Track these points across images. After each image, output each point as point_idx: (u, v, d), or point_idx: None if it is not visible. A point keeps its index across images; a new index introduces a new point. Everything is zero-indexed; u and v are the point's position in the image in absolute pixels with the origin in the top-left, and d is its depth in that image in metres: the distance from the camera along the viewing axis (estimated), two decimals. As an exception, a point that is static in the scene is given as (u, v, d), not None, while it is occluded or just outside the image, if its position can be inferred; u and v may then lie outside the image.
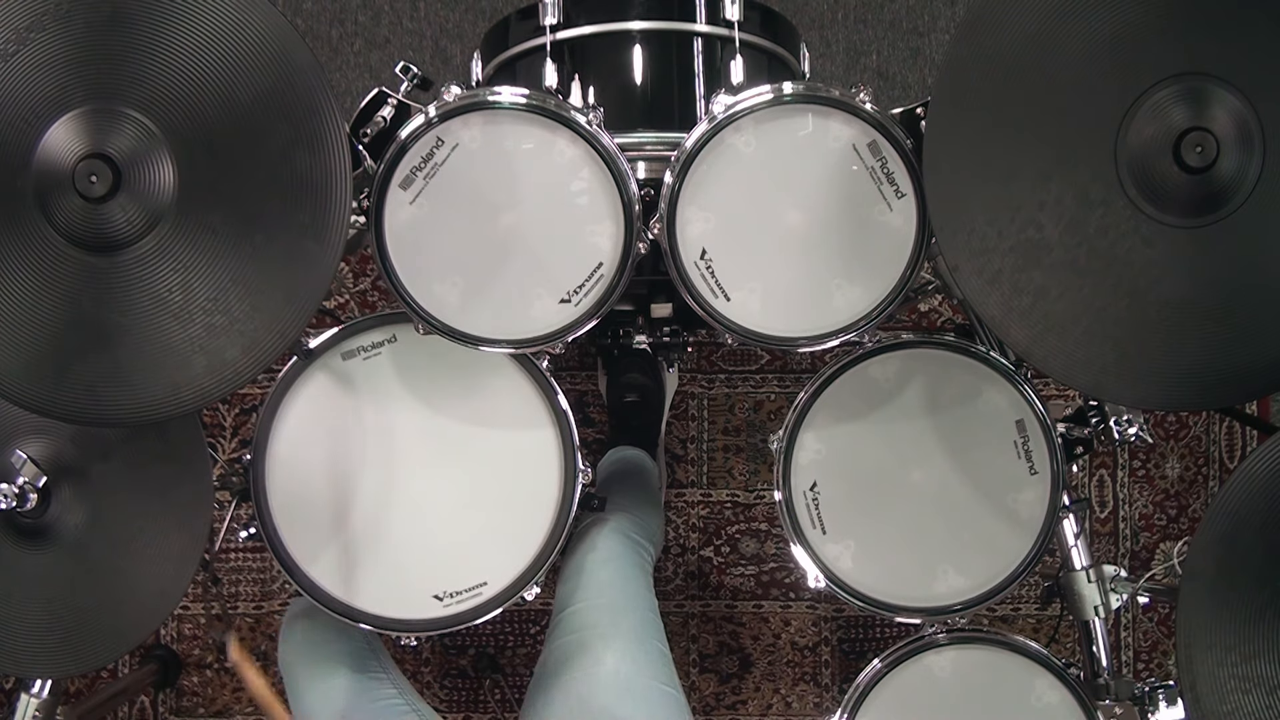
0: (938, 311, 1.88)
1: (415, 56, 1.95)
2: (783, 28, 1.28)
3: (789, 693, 1.90)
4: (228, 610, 1.87)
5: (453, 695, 1.90)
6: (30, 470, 1.08)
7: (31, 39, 0.91)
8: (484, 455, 1.18)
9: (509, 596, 1.17)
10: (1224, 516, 1.00)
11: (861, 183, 1.05)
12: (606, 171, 1.04)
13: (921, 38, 1.96)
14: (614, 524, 1.35)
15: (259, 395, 1.83)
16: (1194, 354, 0.97)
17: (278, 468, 1.17)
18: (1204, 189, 0.93)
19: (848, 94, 1.04)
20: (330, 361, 1.17)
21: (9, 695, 1.84)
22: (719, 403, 1.91)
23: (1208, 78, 0.92)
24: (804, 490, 1.19)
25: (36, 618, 1.10)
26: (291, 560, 1.17)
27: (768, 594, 1.90)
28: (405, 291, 1.07)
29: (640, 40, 1.21)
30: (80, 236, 0.92)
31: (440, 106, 1.03)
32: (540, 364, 1.17)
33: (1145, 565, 1.90)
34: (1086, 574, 1.26)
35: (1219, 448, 1.91)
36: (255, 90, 0.92)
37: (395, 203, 1.04)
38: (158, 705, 1.90)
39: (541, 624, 1.88)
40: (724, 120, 1.03)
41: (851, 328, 1.09)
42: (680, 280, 1.07)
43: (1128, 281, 0.96)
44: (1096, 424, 1.21)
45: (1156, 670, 1.91)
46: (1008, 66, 0.94)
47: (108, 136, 0.91)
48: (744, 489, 1.90)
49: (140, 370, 0.95)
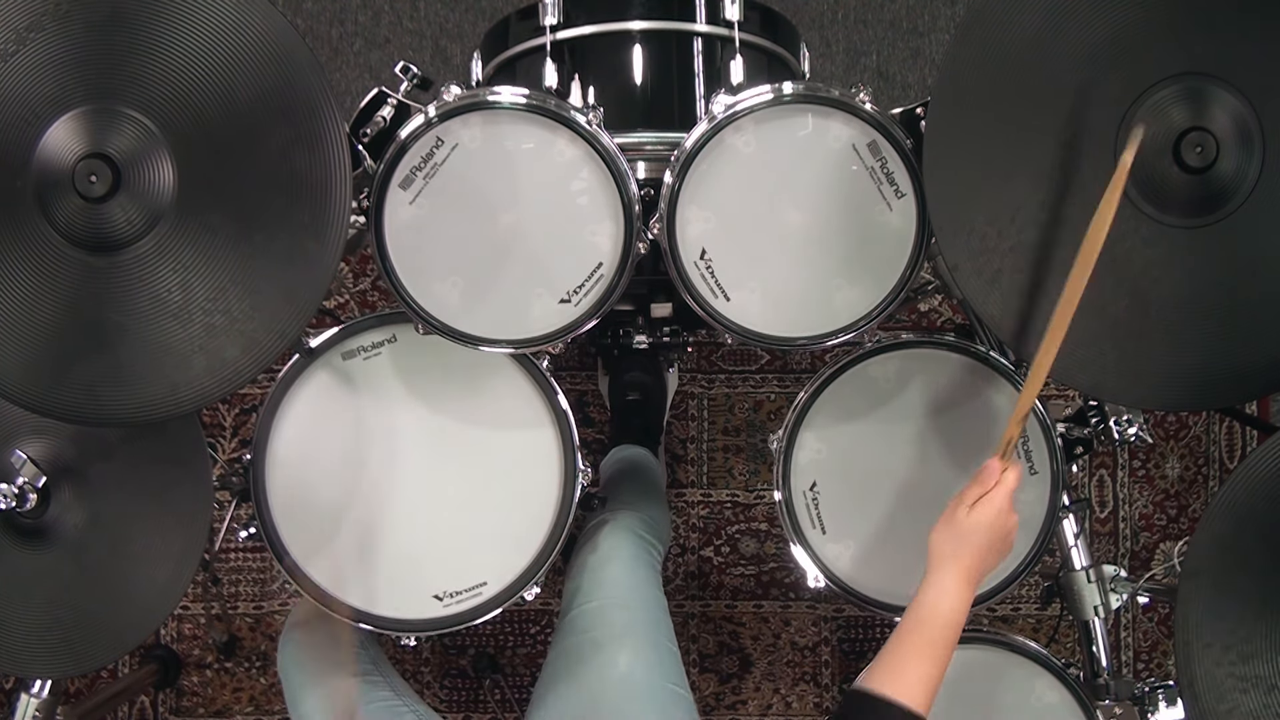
0: (938, 311, 1.88)
1: (415, 56, 1.95)
2: (783, 28, 1.28)
3: (789, 693, 1.90)
4: (228, 610, 1.87)
5: (453, 695, 1.89)
6: (30, 470, 1.08)
7: (31, 39, 0.91)
8: (484, 455, 1.18)
9: (509, 596, 1.17)
10: (1224, 516, 1.00)
11: (861, 183, 1.05)
12: (606, 171, 1.04)
13: (921, 38, 1.96)
14: (623, 522, 1.35)
15: (259, 395, 1.83)
16: (1194, 354, 0.97)
17: (278, 468, 1.17)
18: (1204, 189, 0.93)
19: (848, 94, 1.04)
20: (330, 361, 1.17)
21: (9, 695, 1.84)
22: (719, 403, 1.91)
23: (1208, 78, 0.92)
24: (804, 490, 1.19)
25: (36, 618, 1.10)
26: (291, 560, 1.17)
27: (768, 594, 1.90)
28: (405, 291, 1.07)
29: (640, 40, 1.21)
30: (80, 236, 0.92)
31: (440, 106, 1.03)
32: (540, 364, 1.17)
33: (1145, 565, 1.90)
34: (1086, 574, 1.26)
35: (1219, 448, 1.91)
36: (255, 90, 0.92)
37: (395, 203, 1.04)
38: (158, 705, 1.90)
39: (542, 624, 1.88)
40: (724, 120, 1.03)
41: (851, 328, 1.09)
42: (680, 280, 1.07)
43: (1128, 281, 0.96)
44: (1096, 424, 1.21)
45: (1156, 670, 1.91)
46: (1008, 66, 0.94)
47: (108, 136, 0.91)
48: (744, 489, 1.90)
49: (140, 370, 0.95)
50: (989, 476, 0.97)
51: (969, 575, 0.96)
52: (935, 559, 0.97)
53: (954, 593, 0.95)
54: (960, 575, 0.96)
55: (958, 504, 0.97)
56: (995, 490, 0.97)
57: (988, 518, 0.96)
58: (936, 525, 0.98)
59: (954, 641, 0.95)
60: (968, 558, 0.96)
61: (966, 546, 0.96)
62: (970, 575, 0.96)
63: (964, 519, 0.96)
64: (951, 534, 0.96)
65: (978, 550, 0.96)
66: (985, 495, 0.97)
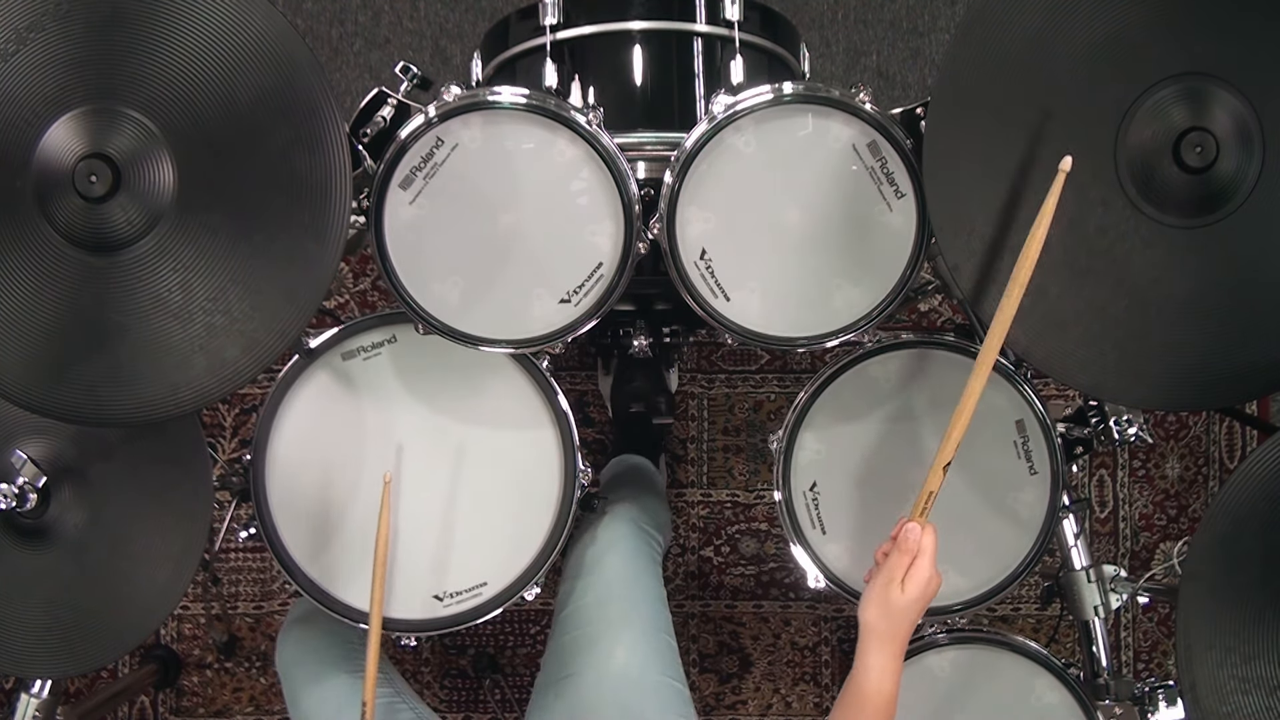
0: (938, 311, 1.88)
1: (415, 56, 1.95)
2: (783, 28, 1.28)
3: (789, 693, 1.90)
4: (228, 610, 1.87)
5: (453, 695, 1.90)
6: (30, 470, 1.08)
7: (31, 39, 0.91)
8: (484, 455, 1.18)
9: (509, 596, 1.17)
10: (1224, 516, 1.00)
11: (861, 183, 1.05)
12: (606, 171, 1.04)
13: (921, 38, 1.96)
14: (622, 512, 1.35)
15: (259, 395, 1.83)
16: (1194, 354, 0.97)
17: (278, 468, 1.17)
18: (1204, 189, 0.93)
19: (848, 94, 1.04)
20: (330, 361, 1.17)
21: (9, 695, 1.84)
22: (719, 403, 1.91)
23: (1208, 78, 0.92)
24: (804, 490, 1.19)
25: (36, 618, 1.10)
26: (291, 560, 1.17)
27: (768, 594, 1.90)
28: (405, 291, 1.07)
29: (640, 40, 1.21)
30: (80, 236, 0.92)
31: (440, 106, 1.03)
32: (540, 364, 1.17)
33: (1145, 565, 1.90)
34: (1086, 574, 1.26)
35: (1219, 448, 1.91)
36: (255, 90, 0.92)
37: (395, 203, 1.04)
38: (158, 705, 1.90)
39: (542, 624, 1.88)
40: (724, 120, 1.03)
41: (851, 328, 1.09)
42: (680, 280, 1.07)
43: (1128, 281, 0.96)
44: (1096, 424, 1.21)
45: (1156, 670, 1.91)
46: (1008, 66, 0.94)
47: (108, 136, 0.91)
48: (744, 489, 1.90)
49: (140, 370, 0.95)
50: (910, 544, 0.97)
51: (902, 651, 0.98)
52: (873, 639, 0.97)
53: (894, 672, 0.97)
54: (898, 654, 0.98)
55: (888, 581, 0.96)
56: (919, 561, 0.96)
57: (918, 590, 0.96)
58: (867, 603, 0.98)
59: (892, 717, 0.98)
60: (904, 635, 0.98)
61: (904, 625, 0.97)
62: (903, 651, 0.98)
63: (898, 598, 0.96)
64: (886, 614, 0.97)
65: (912, 625, 0.98)
66: (912, 567, 0.96)
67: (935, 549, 0.97)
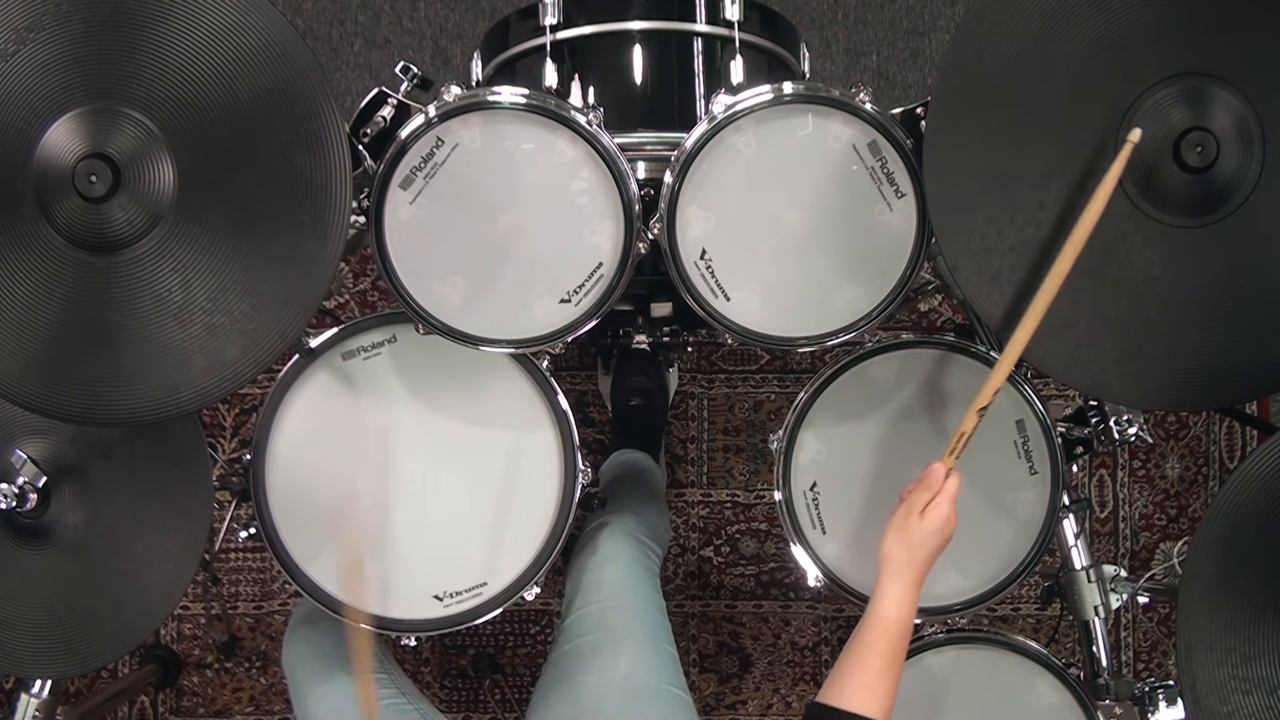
0: (938, 311, 1.88)
1: (415, 56, 1.95)
2: (783, 28, 1.28)
3: (789, 693, 1.90)
4: (228, 610, 1.87)
5: (453, 695, 1.89)
6: (30, 470, 1.08)
7: (31, 39, 0.91)
8: (484, 455, 1.18)
9: (509, 596, 1.17)
10: (1224, 517, 1.00)
11: (861, 183, 1.05)
12: (606, 171, 1.04)
13: (921, 38, 1.96)
14: (621, 525, 1.35)
15: (259, 395, 1.83)
16: (1194, 354, 0.97)
17: (278, 468, 1.17)
18: (1204, 189, 0.93)
19: (848, 94, 1.04)
20: (330, 361, 1.17)
21: (9, 695, 1.84)
22: (719, 403, 1.91)
23: (1208, 78, 0.92)
24: (804, 490, 1.19)
25: (36, 618, 1.10)
26: (291, 560, 1.17)
27: (768, 594, 1.90)
28: (405, 291, 1.07)
29: (640, 40, 1.21)
30: (80, 236, 0.92)
31: (440, 106, 1.03)
32: (540, 364, 1.17)
33: (1145, 565, 1.90)
34: (1086, 574, 1.26)
35: (1219, 448, 1.91)
36: (255, 90, 0.92)
37: (395, 203, 1.04)
38: (158, 705, 1.90)
39: (542, 624, 1.88)
40: (724, 120, 1.03)
41: (851, 328, 1.09)
42: (680, 280, 1.07)
43: (1128, 281, 0.96)
44: (1096, 424, 1.21)
45: (1156, 670, 1.91)
46: (1008, 66, 0.94)
47: (108, 136, 0.91)
48: (744, 489, 1.90)
49: (140, 370, 0.95)
50: (934, 481, 0.98)
51: (920, 582, 0.99)
52: (891, 568, 0.98)
53: (911, 601, 0.98)
54: (915, 583, 0.98)
55: (908, 511, 0.98)
56: (940, 497, 0.98)
57: (937, 524, 0.97)
58: (888, 532, 0.99)
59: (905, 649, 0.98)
60: (921, 566, 0.98)
61: (920, 554, 0.98)
62: (921, 582, 0.99)
63: (916, 527, 0.97)
64: (905, 542, 0.98)
65: (930, 558, 0.99)
66: (932, 501, 0.98)
67: (956, 493, 0.98)
